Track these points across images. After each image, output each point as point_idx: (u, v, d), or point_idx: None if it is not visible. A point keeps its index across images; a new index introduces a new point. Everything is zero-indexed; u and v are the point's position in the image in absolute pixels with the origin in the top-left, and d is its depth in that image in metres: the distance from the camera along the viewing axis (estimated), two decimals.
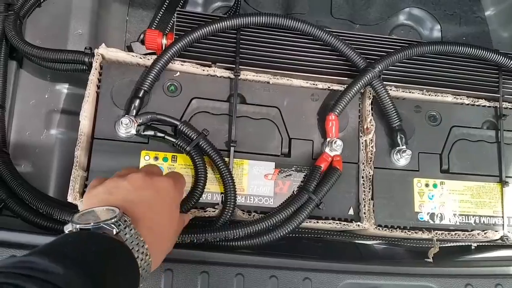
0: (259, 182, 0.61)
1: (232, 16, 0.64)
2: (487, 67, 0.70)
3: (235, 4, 0.92)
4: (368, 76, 0.63)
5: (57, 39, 0.73)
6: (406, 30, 1.01)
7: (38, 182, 0.66)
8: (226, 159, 0.59)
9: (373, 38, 0.70)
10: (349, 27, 0.97)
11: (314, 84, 0.66)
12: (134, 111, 0.59)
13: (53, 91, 0.72)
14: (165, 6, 0.89)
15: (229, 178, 0.58)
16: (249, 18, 0.63)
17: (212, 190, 0.60)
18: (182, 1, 0.90)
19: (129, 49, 0.85)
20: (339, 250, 0.74)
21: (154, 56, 0.62)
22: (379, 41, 0.70)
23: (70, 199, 0.54)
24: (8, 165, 0.61)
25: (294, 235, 0.62)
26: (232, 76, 0.63)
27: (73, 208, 0.56)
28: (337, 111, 0.62)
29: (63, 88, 0.73)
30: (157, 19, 0.88)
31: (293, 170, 0.62)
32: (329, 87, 0.66)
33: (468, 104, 0.69)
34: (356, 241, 0.70)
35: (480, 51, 0.67)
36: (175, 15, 0.66)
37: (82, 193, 0.56)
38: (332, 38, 0.64)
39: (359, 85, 0.62)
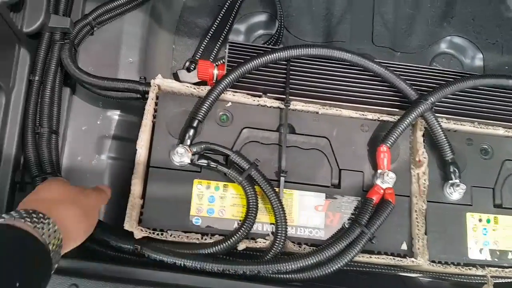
0: (309, 213, 0.61)
1: (282, 48, 0.65)
2: None
3: (277, 32, 0.93)
4: (420, 108, 0.62)
5: (109, 66, 0.75)
6: (447, 59, 1.00)
7: None
8: (276, 189, 0.60)
9: (421, 69, 0.70)
10: (390, 54, 0.97)
11: (363, 115, 0.66)
12: (189, 140, 0.59)
13: (105, 117, 0.74)
14: (210, 34, 0.90)
15: (280, 210, 0.58)
16: (298, 50, 0.64)
17: (263, 221, 0.60)
18: (226, 30, 0.91)
19: (175, 76, 0.87)
20: (385, 282, 0.72)
21: (207, 87, 0.63)
22: (427, 72, 0.69)
23: (127, 226, 0.55)
24: None
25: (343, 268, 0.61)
26: (282, 106, 0.64)
27: (127, 234, 0.57)
28: (389, 142, 0.61)
29: (114, 115, 0.75)
30: (202, 47, 0.90)
31: (343, 202, 0.62)
32: (378, 117, 0.66)
33: None
34: (401, 274, 0.69)
35: None
36: (227, 46, 0.67)
37: (138, 221, 0.57)
38: (383, 70, 0.64)
39: (411, 117, 0.62)
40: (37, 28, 0.64)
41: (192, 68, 0.85)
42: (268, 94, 0.64)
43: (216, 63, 0.69)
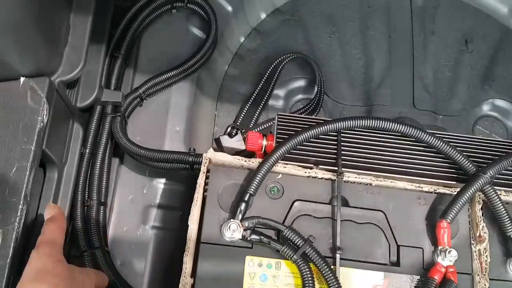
0: None
1: (332, 120, 0.64)
2: None
3: (316, 97, 0.93)
4: (480, 182, 0.60)
5: (155, 135, 0.76)
6: (490, 121, 0.98)
7: (132, 278, 0.66)
8: (332, 267, 0.57)
9: (474, 139, 0.68)
10: (433, 118, 0.96)
11: (419, 187, 0.64)
12: (240, 215, 0.58)
13: (150, 186, 0.74)
14: (251, 101, 0.91)
15: None
16: (349, 122, 0.64)
17: None
18: (266, 96, 0.92)
19: (217, 142, 0.87)
20: None
21: (258, 160, 0.62)
22: (481, 143, 0.67)
23: None
24: (111, 267, 0.61)
25: None
26: (333, 177, 0.63)
27: None
28: (450, 218, 0.58)
29: (159, 183, 0.75)
30: (243, 113, 0.91)
31: (403, 281, 0.58)
32: (435, 190, 0.64)
33: None
34: None
35: None
36: (276, 118, 0.67)
37: None
38: (439, 142, 0.63)
39: (471, 191, 0.59)
40: (91, 103, 0.66)
41: (233, 134, 0.86)
42: (320, 166, 0.63)
43: (264, 133, 0.69)
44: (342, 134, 0.66)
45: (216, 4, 0.87)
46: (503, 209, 0.60)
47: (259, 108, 0.92)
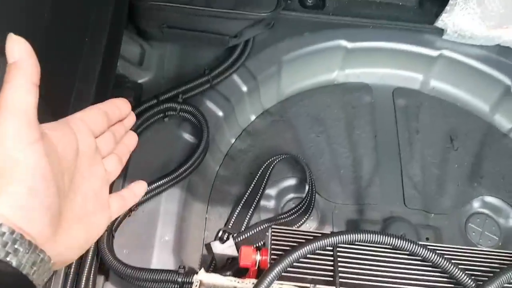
0: None
1: (329, 235, 0.63)
2: None
3: (307, 196, 0.93)
4: None
5: (144, 247, 0.74)
6: (482, 219, 0.98)
7: None
8: None
9: (471, 251, 0.67)
10: (424, 217, 0.96)
11: None
12: None
13: None
14: (242, 202, 0.90)
15: None
16: (346, 236, 0.62)
17: None
18: (258, 197, 0.92)
19: (208, 248, 0.84)
20: None
21: (251, 280, 0.60)
22: (480, 254, 0.66)
23: None
24: None
25: None
26: None
27: None
28: None
29: None
30: (234, 216, 0.89)
31: None
32: None
33: None
34: None
35: None
36: (270, 231, 0.66)
37: None
38: (436, 257, 0.61)
39: None
40: None
41: (225, 239, 0.84)
42: (318, 286, 0.61)
43: (258, 247, 0.67)
44: (338, 249, 0.64)
45: (208, 110, 0.89)
46: None
47: (251, 210, 0.91)
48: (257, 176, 0.93)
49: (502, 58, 1.03)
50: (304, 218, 0.91)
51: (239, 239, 0.84)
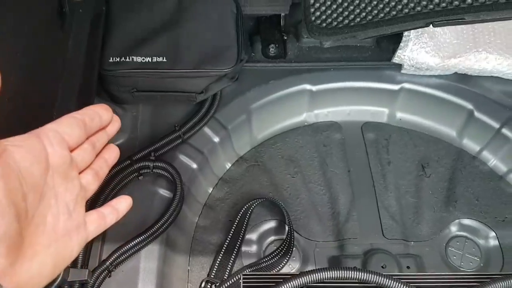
0: None
1: (296, 275, 0.65)
2: None
3: (288, 238, 0.95)
4: None
5: None
6: (461, 242, 0.99)
7: None
8: None
9: (447, 276, 0.69)
10: (404, 246, 0.97)
11: None
12: None
13: None
14: (223, 250, 0.93)
15: None
16: (315, 275, 0.65)
17: None
18: (239, 243, 0.94)
19: None
20: None
21: None
22: (457, 279, 0.68)
23: None
24: None
25: None
26: None
27: None
28: None
29: None
30: (216, 264, 0.91)
31: None
32: None
33: None
34: None
35: None
36: (241, 278, 0.68)
37: None
38: (392, 282, 0.63)
39: None
40: (57, 285, 0.67)
41: None
42: None
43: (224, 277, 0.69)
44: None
45: (181, 164, 0.93)
46: None
47: (233, 256, 0.93)
48: (236, 222, 0.96)
49: (461, 85, 1.08)
50: (286, 260, 0.93)
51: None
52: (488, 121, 1.06)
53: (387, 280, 0.63)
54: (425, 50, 1.04)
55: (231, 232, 0.95)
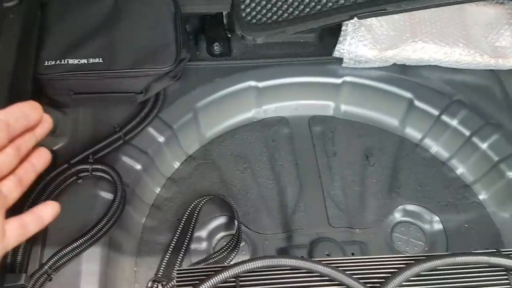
0: None
1: (228, 267, 0.66)
2: (494, 271, 0.69)
3: (237, 233, 0.96)
4: None
5: None
6: (406, 227, 1.03)
7: None
8: None
9: (374, 259, 0.71)
10: (350, 234, 1.00)
11: None
12: None
13: None
14: (171, 248, 0.93)
15: None
16: (243, 266, 0.66)
17: None
18: (187, 241, 0.94)
19: None
20: None
21: None
22: (384, 261, 0.70)
23: None
24: None
25: None
26: None
27: None
28: None
29: None
30: (164, 263, 0.91)
31: None
32: None
33: None
34: None
35: (485, 257, 0.67)
36: (175, 275, 0.68)
37: None
38: (330, 270, 0.65)
39: None
40: None
41: None
42: None
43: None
44: (242, 278, 0.67)
45: (124, 165, 0.93)
46: None
47: (181, 254, 0.93)
48: (183, 220, 0.96)
49: (400, 75, 1.12)
50: (234, 254, 0.94)
51: (168, 286, 0.86)
52: (427, 109, 1.09)
53: (311, 264, 0.65)
54: (363, 43, 1.07)
55: (179, 230, 0.95)
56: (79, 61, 0.89)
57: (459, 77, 1.11)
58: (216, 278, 0.64)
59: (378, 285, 0.65)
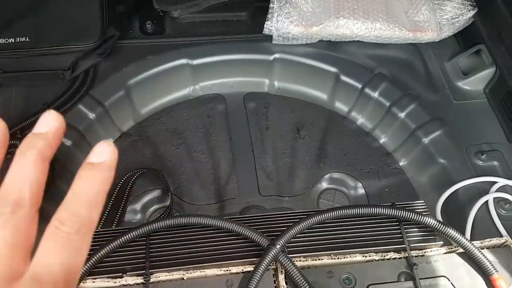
0: None
1: (135, 227, 0.70)
2: (389, 222, 0.75)
3: (170, 205, 1.00)
4: (271, 254, 0.66)
5: None
6: (331, 193, 1.09)
7: None
8: None
9: (276, 215, 0.76)
10: (279, 201, 1.05)
11: (227, 270, 0.69)
12: None
13: None
14: (102, 221, 0.96)
15: None
16: (153, 226, 0.70)
17: None
18: (119, 214, 0.98)
19: None
20: None
21: None
22: (282, 217, 0.75)
23: None
24: None
25: None
26: (143, 281, 0.66)
27: None
28: None
29: None
30: (95, 233, 0.95)
31: None
32: (242, 270, 0.69)
33: (378, 260, 0.71)
34: None
35: (376, 209, 0.73)
36: None
37: None
38: (232, 225, 0.70)
39: (264, 264, 0.66)
40: None
41: None
42: (128, 273, 0.67)
43: None
44: (151, 238, 0.71)
45: None
46: (299, 274, 0.66)
47: (113, 226, 0.97)
48: (115, 193, 1.00)
49: (327, 51, 1.17)
50: None
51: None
52: (352, 82, 1.15)
53: (214, 220, 0.69)
54: (290, 20, 1.11)
55: (110, 202, 0.98)
56: (6, 41, 0.91)
57: (382, 51, 1.17)
58: (124, 238, 0.68)
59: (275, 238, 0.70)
